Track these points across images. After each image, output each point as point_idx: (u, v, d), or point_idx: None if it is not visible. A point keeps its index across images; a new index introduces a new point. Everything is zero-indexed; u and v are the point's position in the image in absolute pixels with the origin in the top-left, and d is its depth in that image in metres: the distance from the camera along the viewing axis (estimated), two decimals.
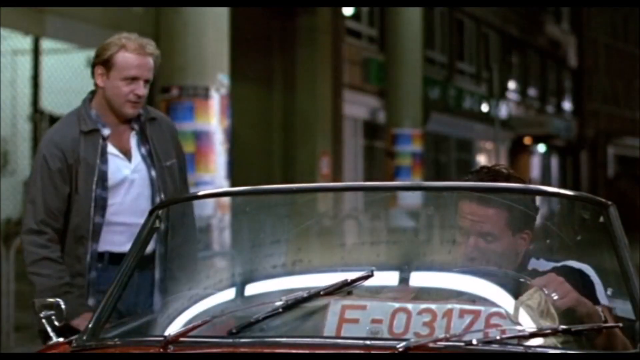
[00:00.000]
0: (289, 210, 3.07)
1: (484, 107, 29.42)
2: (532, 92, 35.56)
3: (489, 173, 3.07)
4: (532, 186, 3.04)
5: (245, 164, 19.83)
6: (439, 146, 28.43)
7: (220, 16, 11.66)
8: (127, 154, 3.91)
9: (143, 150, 3.92)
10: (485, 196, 2.93)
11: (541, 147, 36.24)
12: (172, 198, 3.59)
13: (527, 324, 2.64)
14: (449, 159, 29.50)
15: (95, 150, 3.80)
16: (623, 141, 42.52)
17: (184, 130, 11.60)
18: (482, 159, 32.53)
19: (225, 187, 11.79)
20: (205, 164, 11.65)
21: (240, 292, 2.94)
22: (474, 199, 2.95)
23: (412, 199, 16.00)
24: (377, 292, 2.69)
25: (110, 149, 3.87)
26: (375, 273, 2.74)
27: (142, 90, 3.93)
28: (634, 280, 2.67)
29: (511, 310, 2.66)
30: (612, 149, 41.88)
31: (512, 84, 33.35)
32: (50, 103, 18.11)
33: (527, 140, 33.63)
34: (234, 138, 12.45)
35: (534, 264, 3.00)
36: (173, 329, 2.69)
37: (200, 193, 3.28)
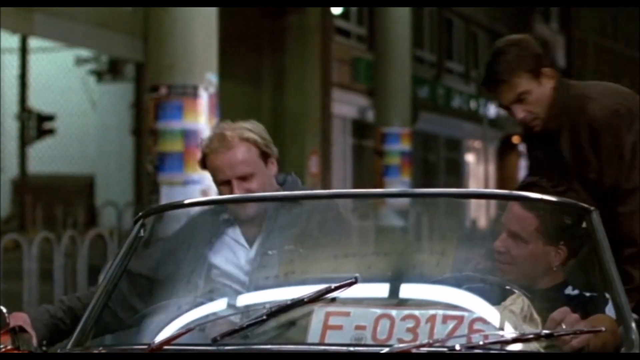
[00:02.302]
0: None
1: (472, 104, 29.46)
2: None
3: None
4: (515, 192, 3.05)
5: None
6: (427, 145, 28.47)
7: (209, 15, 11.65)
8: None
9: None
10: (529, 200, 2.97)
11: None
12: (158, 206, 3.58)
13: (510, 329, 2.65)
14: (438, 158, 29.53)
15: None
16: None
17: (172, 129, 11.61)
18: (470, 158, 32.58)
19: (214, 187, 11.78)
20: (194, 163, 11.62)
21: (228, 300, 2.94)
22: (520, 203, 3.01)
23: (401, 200, 16.02)
24: (361, 299, 2.70)
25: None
26: (362, 282, 2.76)
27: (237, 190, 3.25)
28: (617, 286, 2.68)
29: (494, 316, 2.67)
30: None
31: None
32: (38, 102, 18.10)
33: (515, 140, 33.68)
34: None
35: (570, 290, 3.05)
36: (158, 337, 2.69)
37: (187, 201, 3.26)
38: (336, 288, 2.65)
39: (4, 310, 2.71)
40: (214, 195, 12.23)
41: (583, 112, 3.36)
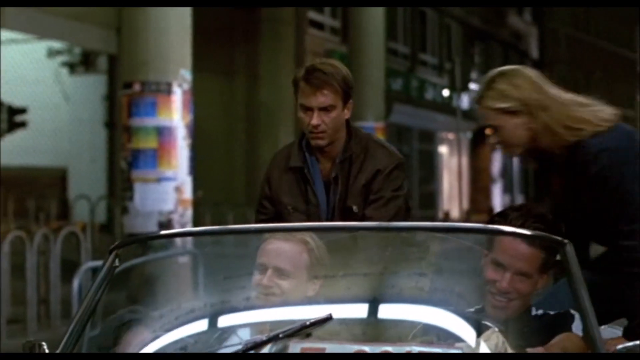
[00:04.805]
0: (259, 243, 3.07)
1: (445, 93, 29.47)
2: None
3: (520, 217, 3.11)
4: (490, 226, 3.07)
5: (208, 156, 19.78)
6: (401, 137, 28.50)
7: (183, 12, 11.62)
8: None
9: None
10: (505, 234, 2.97)
11: None
12: (133, 237, 3.58)
13: None
14: (412, 150, 29.58)
15: None
16: None
17: (146, 126, 11.58)
18: (444, 150, 32.66)
19: (188, 183, 11.78)
20: (168, 160, 11.62)
21: (209, 325, 2.93)
22: (519, 239, 3.00)
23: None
24: (337, 334, 2.71)
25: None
26: (341, 307, 2.78)
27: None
28: (590, 317, 2.71)
29: (469, 351, 2.68)
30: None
31: (474, 75, 33.47)
32: (10, 94, 17.95)
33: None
34: (196, 130, 12.42)
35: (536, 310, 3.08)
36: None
37: (162, 232, 3.27)
38: (312, 324, 2.66)
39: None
40: (186, 192, 12.22)
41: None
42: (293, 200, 3.71)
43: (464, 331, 2.75)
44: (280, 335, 2.64)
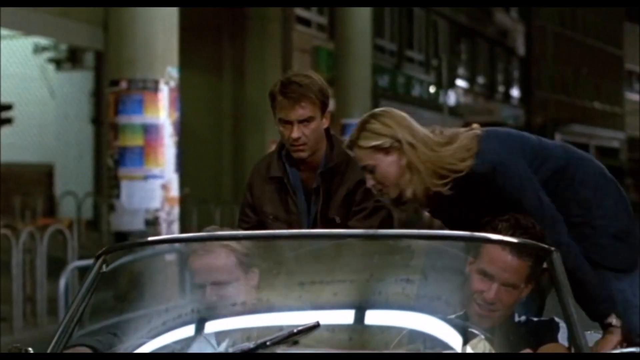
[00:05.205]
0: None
1: (432, 89, 29.53)
2: (480, 80, 35.78)
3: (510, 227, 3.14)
4: (477, 234, 3.08)
5: (195, 153, 19.77)
6: None
7: (169, 9, 11.60)
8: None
9: None
10: (518, 247, 2.99)
11: None
12: (120, 244, 3.58)
13: None
14: None
15: None
16: (570, 128, 42.96)
17: (132, 124, 11.56)
18: None
19: (175, 181, 11.77)
20: (155, 157, 11.60)
21: (195, 330, 2.93)
22: (507, 249, 3.02)
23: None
24: (323, 341, 2.71)
25: None
26: (328, 313, 2.78)
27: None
28: (576, 325, 2.72)
29: None
30: (560, 136, 42.31)
31: (461, 72, 33.53)
32: None
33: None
34: (183, 127, 12.41)
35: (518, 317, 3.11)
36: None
37: (150, 239, 3.26)
38: (299, 332, 2.67)
39: None
40: (173, 189, 12.18)
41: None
42: (274, 210, 3.72)
43: (451, 339, 2.76)
44: (268, 343, 2.65)
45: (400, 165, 3.33)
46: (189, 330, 2.93)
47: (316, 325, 2.68)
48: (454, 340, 2.76)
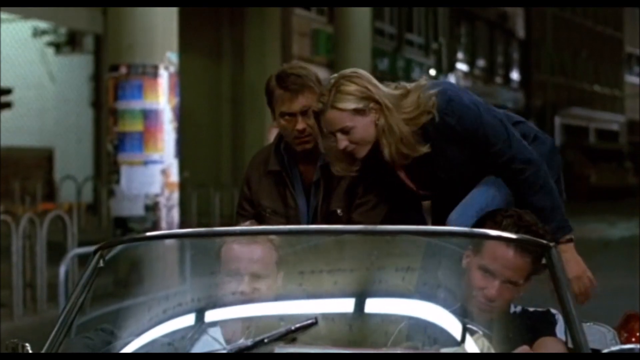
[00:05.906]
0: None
1: (432, 73, 29.49)
2: (480, 63, 35.75)
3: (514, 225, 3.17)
4: (475, 230, 3.09)
5: (194, 138, 19.76)
6: None
7: None
8: None
9: None
10: (519, 244, 3.01)
11: None
12: (118, 239, 3.58)
13: None
14: None
15: None
16: (570, 111, 42.94)
17: (132, 109, 11.56)
18: None
19: (175, 166, 11.77)
20: (154, 143, 11.60)
21: (196, 320, 2.94)
22: (512, 246, 3.02)
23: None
24: (321, 337, 2.72)
25: None
26: (327, 302, 2.80)
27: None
28: (575, 320, 2.74)
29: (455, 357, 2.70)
30: (559, 119, 42.28)
31: (460, 55, 33.48)
32: None
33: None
34: (182, 111, 12.40)
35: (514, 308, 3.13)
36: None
37: (149, 234, 3.26)
38: (297, 329, 2.68)
39: None
40: (173, 174, 12.17)
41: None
42: (272, 204, 3.70)
43: (450, 336, 2.77)
44: (266, 340, 2.66)
45: (378, 125, 3.38)
46: (190, 319, 2.93)
47: (314, 323, 2.69)
48: (452, 338, 2.78)
